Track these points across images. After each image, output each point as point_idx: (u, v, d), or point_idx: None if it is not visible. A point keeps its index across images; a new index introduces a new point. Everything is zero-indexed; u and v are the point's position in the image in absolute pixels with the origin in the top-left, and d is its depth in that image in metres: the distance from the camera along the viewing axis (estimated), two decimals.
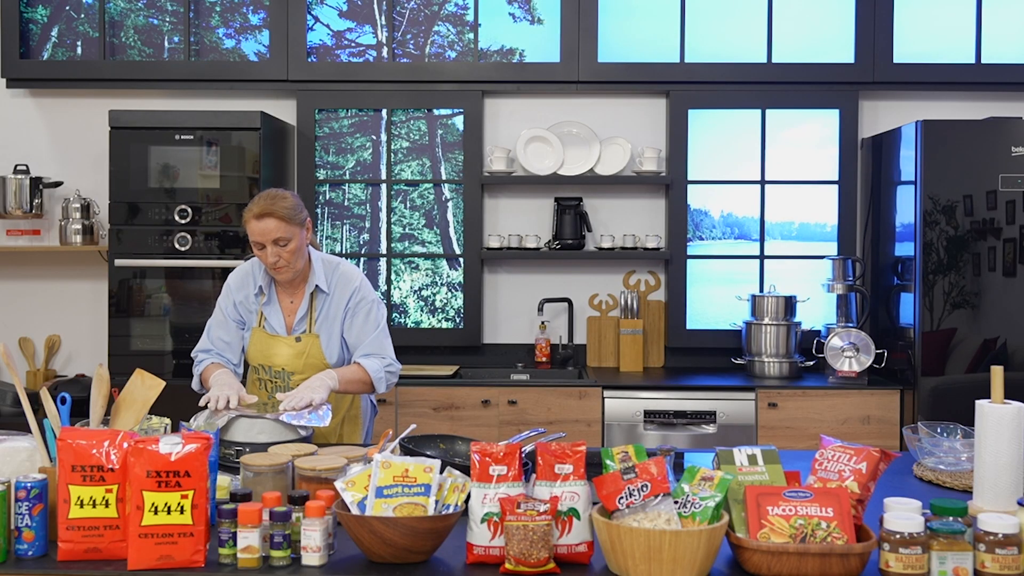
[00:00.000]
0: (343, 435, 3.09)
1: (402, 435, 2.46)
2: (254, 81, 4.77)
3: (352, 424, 3.12)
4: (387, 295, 4.79)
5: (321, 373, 2.84)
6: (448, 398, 4.24)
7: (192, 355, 3.10)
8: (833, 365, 4.28)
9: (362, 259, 4.80)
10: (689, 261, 4.76)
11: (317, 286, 2.98)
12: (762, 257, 4.79)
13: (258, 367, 3.04)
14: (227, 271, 4.43)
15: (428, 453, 2.40)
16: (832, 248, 4.73)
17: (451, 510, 1.92)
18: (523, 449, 2.05)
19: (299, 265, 2.93)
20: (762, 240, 4.78)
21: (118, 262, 4.38)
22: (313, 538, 1.87)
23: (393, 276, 4.80)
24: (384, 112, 4.78)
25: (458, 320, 4.77)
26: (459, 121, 4.78)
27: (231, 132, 4.35)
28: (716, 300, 4.78)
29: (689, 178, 4.73)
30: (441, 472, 1.97)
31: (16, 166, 4.68)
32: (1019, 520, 1.81)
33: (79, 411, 2.24)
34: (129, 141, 4.37)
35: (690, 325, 4.76)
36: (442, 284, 4.79)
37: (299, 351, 2.97)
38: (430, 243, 4.80)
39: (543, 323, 4.80)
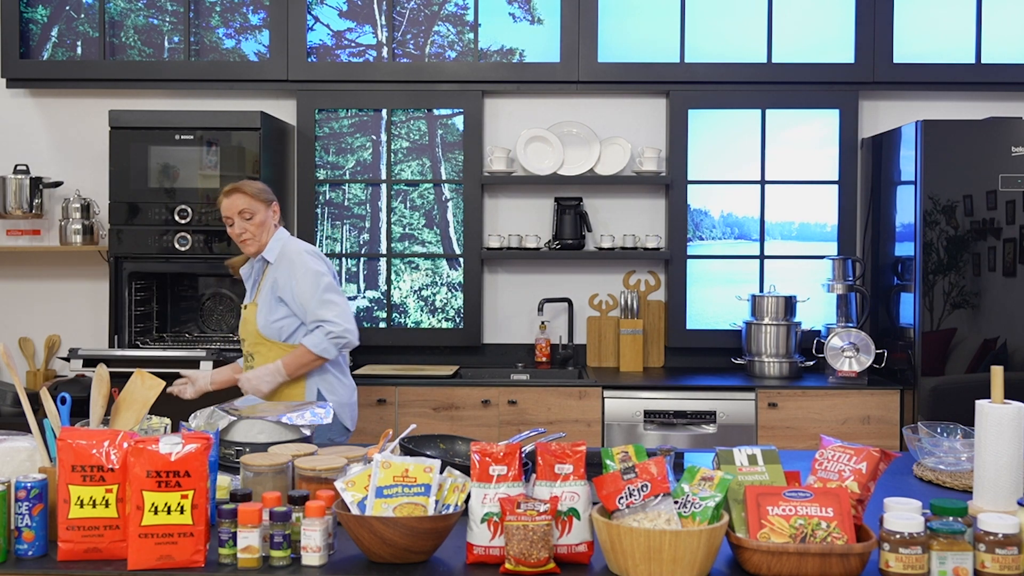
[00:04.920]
0: (282, 394, 3.30)
1: (402, 435, 2.46)
2: (254, 81, 4.77)
3: (291, 385, 3.29)
4: (387, 295, 4.79)
5: (270, 365, 3.21)
6: (448, 398, 4.24)
7: None
8: (833, 365, 4.28)
9: (362, 259, 4.80)
10: (689, 261, 4.76)
11: (264, 257, 3.33)
12: (762, 257, 4.79)
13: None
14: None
15: (428, 453, 2.41)
16: (832, 248, 4.73)
17: (451, 510, 1.92)
18: (523, 449, 2.05)
19: (263, 239, 3.32)
20: (762, 240, 4.78)
21: (118, 262, 4.38)
22: (313, 538, 1.87)
23: (393, 276, 4.80)
24: (384, 112, 4.78)
25: (458, 320, 4.77)
26: (459, 121, 4.78)
27: (231, 132, 4.35)
28: (716, 300, 4.78)
29: (689, 178, 4.73)
30: (441, 472, 1.97)
31: (16, 166, 4.68)
32: (1019, 520, 1.81)
33: (79, 411, 2.24)
34: (129, 141, 4.37)
35: (690, 325, 4.76)
36: (442, 284, 4.79)
37: (244, 319, 3.36)
38: (430, 243, 4.80)
39: (543, 323, 4.80)
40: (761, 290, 4.73)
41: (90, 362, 4.03)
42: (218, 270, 4.48)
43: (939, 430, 2.68)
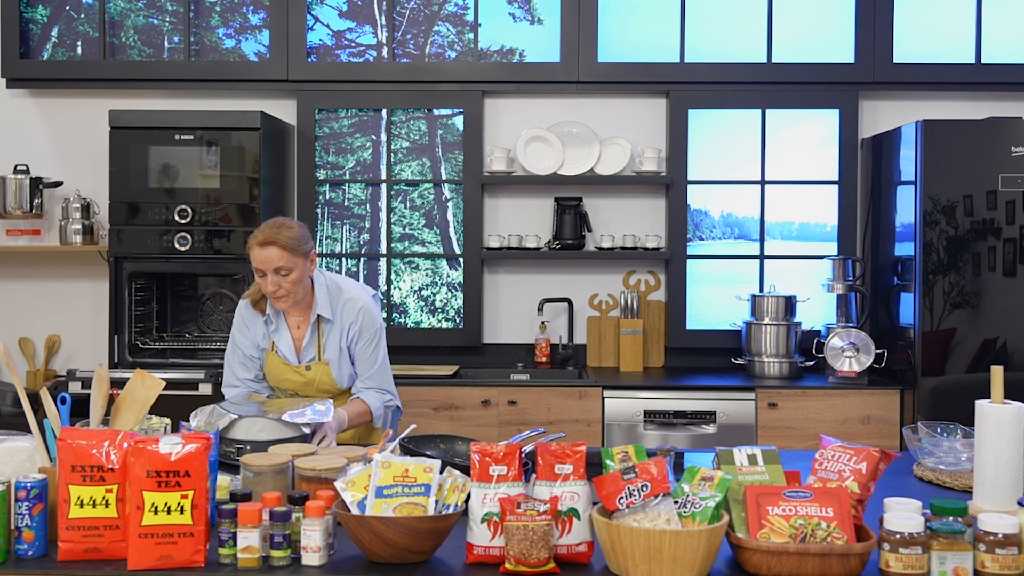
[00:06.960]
0: (360, 436, 3.13)
1: (402, 435, 2.47)
2: (254, 81, 4.77)
3: (368, 427, 3.14)
4: (387, 295, 4.79)
5: (339, 415, 2.87)
6: (448, 398, 4.24)
7: (223, 392, 3.14)
8: (833, 365, 4.28)
9: (362, 259, 4.80)
10: (689, 261, 4.75)
11: (320, 315, 3.00)
12: (762, 257, 4.78)
13: (274, 387, 3.14)
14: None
15: (428, 453, 2.41)
16: (832, 248, 4.73)
17: (451, 510, 1.92)
18: (523, 449, 2.05)
19: (300, 295, 2.94)
20: (762, 240, 4.78)
21: (118, 262, 4.38)
22: (313, 538, 1.87)
23: (393, 276, 4.80)
24: (384, 112, 4.78)
25: (458, 320, 4.77)
26: (459, 121, 4.78)
27: (231, 132, 4.35)
28: (716, 300, 4.78)
29: (689, 178, 4.73)
30: (441, 472, 1.97)
31: (16, 166, 4.68)
32: (1019, 520, 1.81)
33: (79, 411, 2.24)
34: (129, 141, 4.37)
35: (690, 325, 4.76)
36: (442, 284, 4.79)
37: (308, 380, 3.04)
38: (430, 243, 4.80)
39: (543, 323, 4.80)
40: (761, 290, 4.73)
41: (89, 382, 4.02)
42: (218, 270, 4.49)
43: (939, 430, 2.68)
